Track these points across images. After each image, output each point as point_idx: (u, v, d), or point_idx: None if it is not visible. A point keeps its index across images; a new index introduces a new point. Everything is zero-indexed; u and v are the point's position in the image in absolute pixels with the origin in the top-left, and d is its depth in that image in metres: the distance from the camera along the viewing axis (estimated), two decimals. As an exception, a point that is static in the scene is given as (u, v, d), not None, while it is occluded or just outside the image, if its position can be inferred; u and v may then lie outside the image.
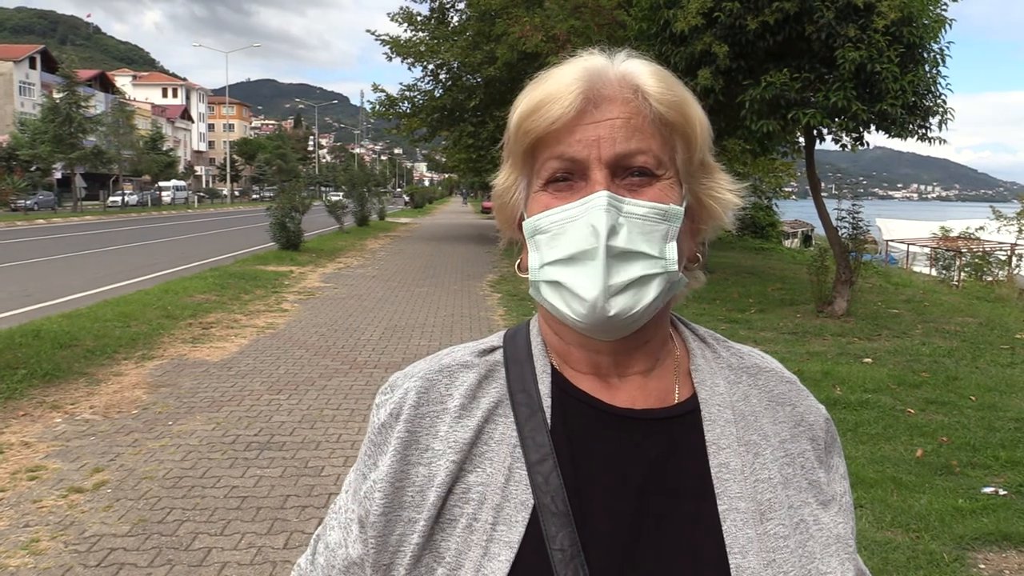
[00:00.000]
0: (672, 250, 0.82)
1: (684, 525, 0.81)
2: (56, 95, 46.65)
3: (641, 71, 0.85)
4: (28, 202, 43.96)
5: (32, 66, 66.15)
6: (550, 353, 0.91)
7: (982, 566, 3.90)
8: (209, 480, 4.87)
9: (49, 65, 65.88)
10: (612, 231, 0.79)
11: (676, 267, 0.82)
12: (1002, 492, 4.77)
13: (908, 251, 28.77)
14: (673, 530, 0.80)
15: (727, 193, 0.90)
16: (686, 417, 0.87)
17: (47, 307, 11.29)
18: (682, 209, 0.84)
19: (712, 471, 0.83)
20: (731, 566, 0.77)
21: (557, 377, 0.89)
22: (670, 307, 0.90)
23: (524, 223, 0.87)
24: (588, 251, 0.80)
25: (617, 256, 0.80)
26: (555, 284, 0.83)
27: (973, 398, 6.85)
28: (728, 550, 0.78)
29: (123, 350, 8.26)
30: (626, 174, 0.82)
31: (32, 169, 49.13)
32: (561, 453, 0.82)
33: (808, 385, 0.97)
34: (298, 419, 6.16)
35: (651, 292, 0.81)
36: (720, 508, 0.81)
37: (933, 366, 8.15)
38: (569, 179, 0.83)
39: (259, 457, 5.31)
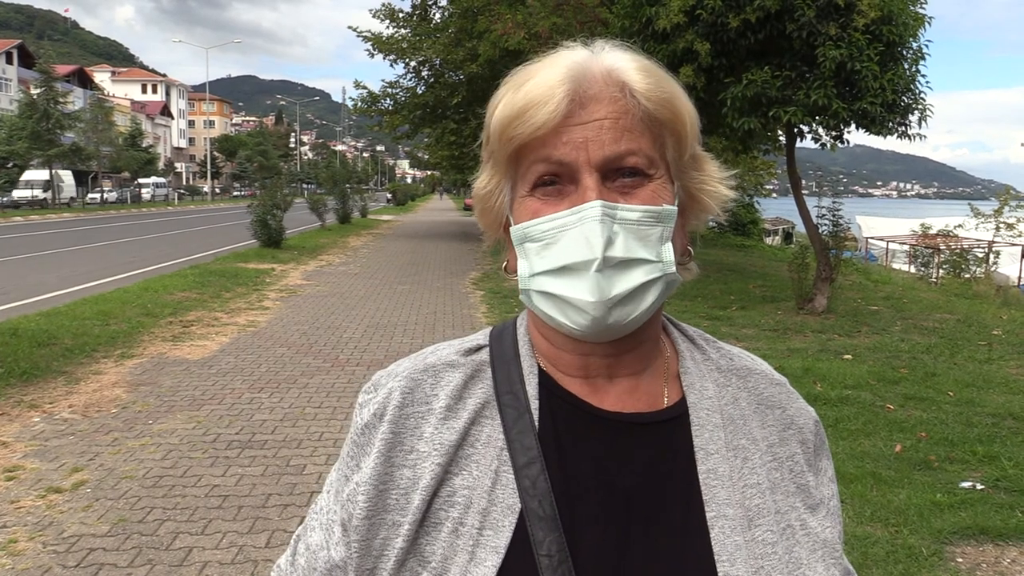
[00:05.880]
0: (668, 251, 0.80)
1: (672, 532, 0.80)
2: (33, 91, 46.09)
3: (628, 67, 0.82)
4: (5, 199, 43.43)
5: (9, 61, 65.34)
6: (537, 354, 0.89)
7: (960, 560, 3.94)
8: (190, 479, 4.84)
9: (26, 60, 65.12)
10: (608, 242, 0.77)
11: (673, 268, 0.81)
12: (979, 487, 4.82)
13: (887, 248, 28.98)
14: (661, 537, 0.79)
15: (718, 186, 0.88)
16: (675, 421, 0.85)
17: (25, 305, 11.17)
18: (675, 209, 0.82)
19: (700, 477, 0.82)
20: (719, 574, 0.77)
21: (544, 378, 0.87)
22: (662, 307, 0.88)
23: (512, 229, 0.84)
24: (584, 263, 0.77)
25: (616, 266, 0.78)
26: (549, 295, 0.80)
27: (951, 394, 6.92)
28: (716, 558, 0.77)
29: (102, 348, 8.19)
30: (617, 176, 0.80)
31: (9, 166, 48.52)
32: (549, 457, 0.81)
33: (789, 382, 0.97)
34: (280, 417, 6.13)
35: (651, 296, 0.80)
36: (708, 515, 0.80)
37: (912, 362, 8.22)
38: (557, 182, 0.80)
39: (240, 456, 5.28)
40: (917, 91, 10.69)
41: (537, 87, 0.80)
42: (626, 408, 0.85)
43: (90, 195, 56.05)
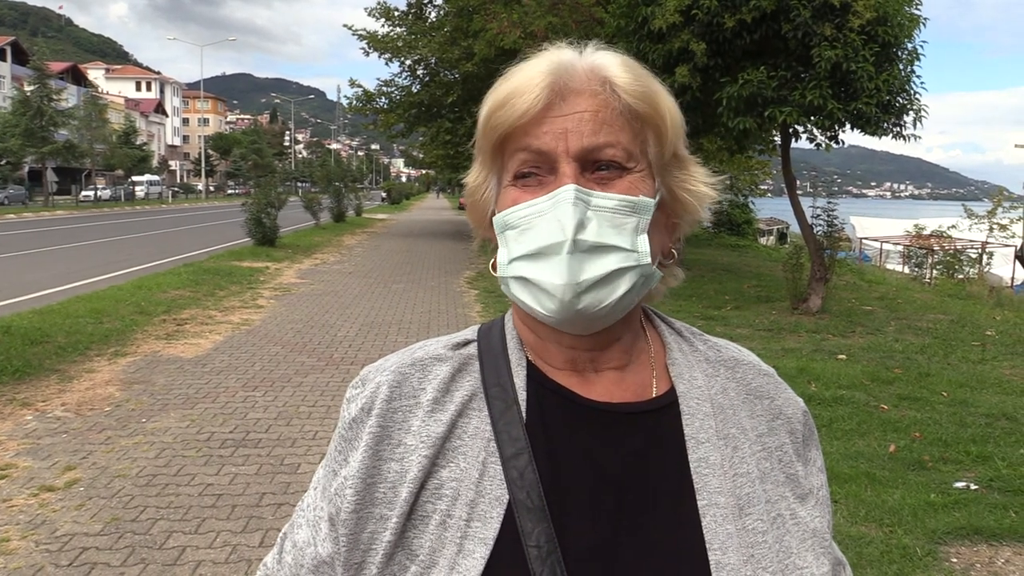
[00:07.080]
0: (644, 243, 0.81)
1: (663, 521, 0.80)
2: (27, 88, 46.03)
3: (610, 63, 0.84)
4: (-2, 196, 43.36)
5: (2, 58, 65.13)
6: (525, 347, 0.89)
7: (954, 559, 3.95)
8: (183, 478, 4.82)
9: (20, 57, 64.91)
10: (580, 225, 0.78)
11: (649, 260, 0.81)
12: (973, 487, 4.83)
13: (881, 249, 29.07)
14: (652, 526, 0.79)
15: (702, 186, 0.88)
16: (664, 411, 0.86)
17: (17, 303, 11.12)
18: (652, 201, 0.83)
19: (691, 466, 0.82)
20: (711, 562, 0.77)
21: (533, 371, 0.87)
22: (640, 303, 0.89)
23: (494, 218, 0.86)
24: (555, 245, 0.78)
25: (588, 250, 0.78)
26: (523, 280, 0.81)
27: (945, 394, 6.94)
28: (708, 546, 0.78)
29: (96, 346, 8.16)
30: (595, 167, 0.81)
31: (2, 163, 48.40)
32: (537, 447, 0.81)
33: (783, 381, 0.97)
34: (274, 416, 6.12)
35: (623, 285, 0.80)
36: (700, 503, 0.80)
37: (906, 362, 8.24)
38: (538, 173, 0.82)
39: (234, 454, 5.26)
40: (912, 92, 10.71)
41: (521, 78, 0.83)
42: (615, 398, 0.86)
43: (84, 192, 55.80)
